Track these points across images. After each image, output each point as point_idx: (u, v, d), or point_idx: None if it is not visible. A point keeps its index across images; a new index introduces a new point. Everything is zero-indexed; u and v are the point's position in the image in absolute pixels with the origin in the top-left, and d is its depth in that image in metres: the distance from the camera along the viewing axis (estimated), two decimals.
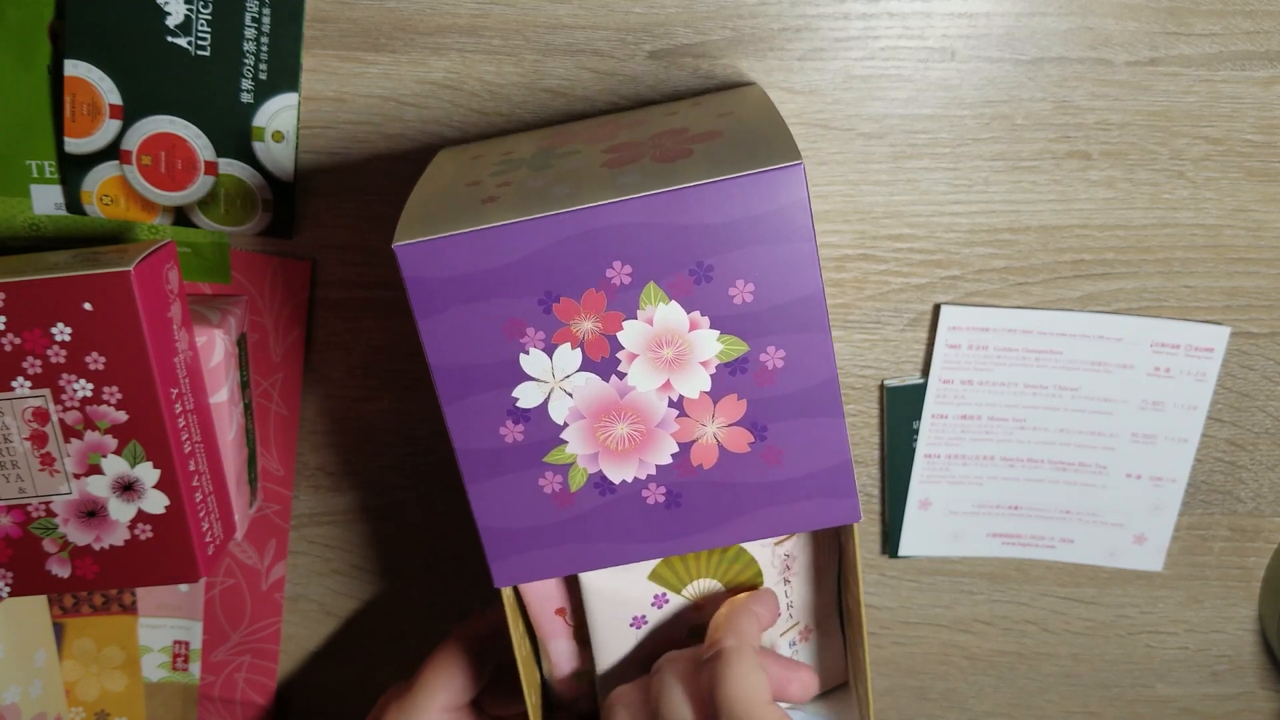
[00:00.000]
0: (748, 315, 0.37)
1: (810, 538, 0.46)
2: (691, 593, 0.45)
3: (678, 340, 0.37)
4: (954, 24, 0.48)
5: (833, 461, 0.39)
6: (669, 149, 0.38)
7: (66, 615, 0.57)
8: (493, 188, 0.39)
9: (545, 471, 0.39)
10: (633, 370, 0.37)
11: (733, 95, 0.45)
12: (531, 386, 0.37)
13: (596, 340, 0.37)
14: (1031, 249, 0.52)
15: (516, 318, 0.37)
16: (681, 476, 0.39)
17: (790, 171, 0.35)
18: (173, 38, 0.48)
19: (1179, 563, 0.57)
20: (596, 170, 0.38)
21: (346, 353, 0.54)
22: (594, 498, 0.39)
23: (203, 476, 0.48)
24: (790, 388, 0.38)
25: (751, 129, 0.39)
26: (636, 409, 0.38)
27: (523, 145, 0.44)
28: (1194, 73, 0.49)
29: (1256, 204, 0.51)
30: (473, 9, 0.48)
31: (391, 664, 0.60)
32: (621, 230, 0.36)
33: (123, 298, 0.44)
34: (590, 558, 0.40)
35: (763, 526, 0.39)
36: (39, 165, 0.51)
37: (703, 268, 0.36)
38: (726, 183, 0.35)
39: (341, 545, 0.57)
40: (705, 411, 0.38)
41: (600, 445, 0.38)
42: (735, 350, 0.37)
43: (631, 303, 0.36)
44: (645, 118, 0.44)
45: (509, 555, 0.40)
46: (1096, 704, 0.60)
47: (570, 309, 0.37)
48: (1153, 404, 0.54)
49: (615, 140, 0.41)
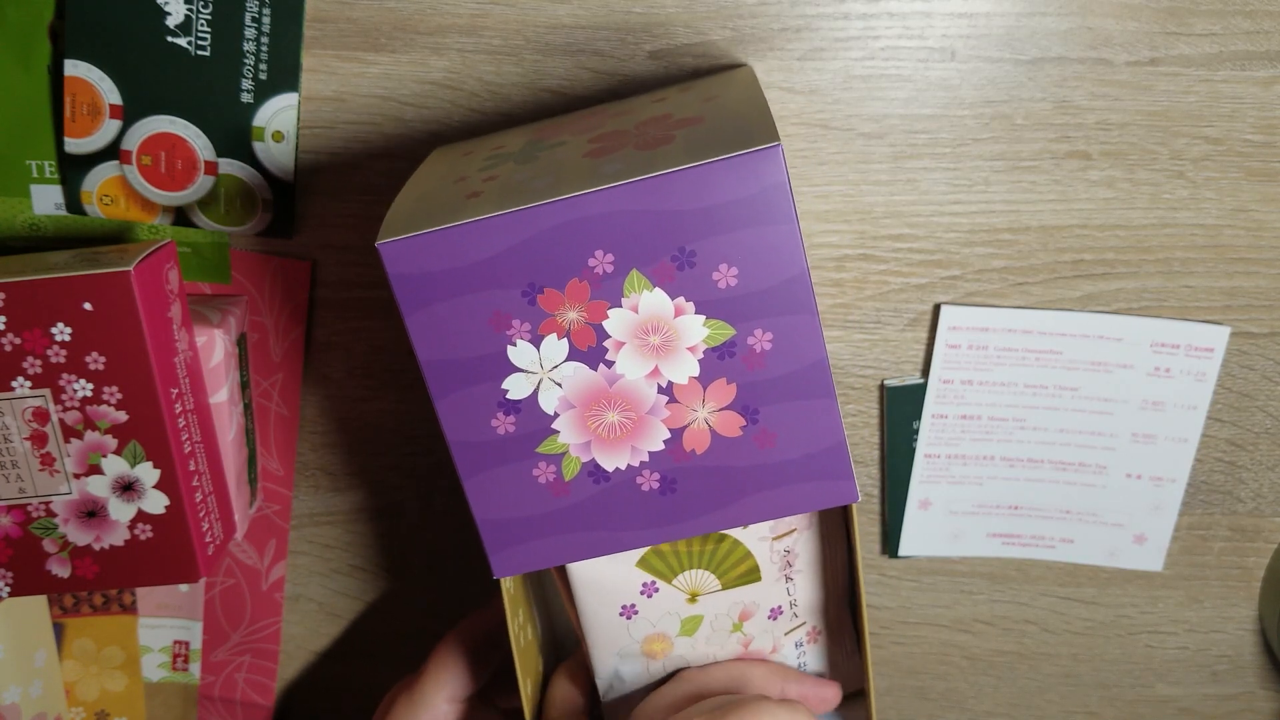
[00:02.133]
0: (733, 299, 0.37)
1: (815, 534, 0.46)
2: (683, 583, 0.45)
3: (664, 327, 0.37)
4: (954, 24, 0.48)
5: (827, 443, 0.39)
6: (651, 136, 0.39)
7: (66, 615, 0.57)
8: (478, 183, 0.39)
9: (539, 462, 0.39)
10: (620, 358, 0.37)
11: (721, 79, 0.45)
12: (520, 378, 0.38)
13: (583, 330, 0.37)
14: (1031, 249, 0.52)
15: (502, 310, 0.37)
16: (675, 462, 0.39)
17: (768, 153, 0.35)
18: (173, 38, 0.48)
19: (1179, 563, 0.57)
20: (579, 161, 0.38)
21: (346, 353, 0.54)
22: (588, 486, 0.39)
23: (203, 476, 0.48)
24: (780, 370, 0.38)
25: (733, 112, 0.39)
26: (626, 396, 0.38)
27: (512, 140, 0.44)
28: (1194, 73, 0.49)
29: (1256, 204, 0.51)
30: (473, 9, 0.48)
31: (391, 664, 0.60)
32: (602, 219, 0.36)
33: (123, 298, 0.44)
34: (588, 546, 0.40)
35: (760, 510, 0.39)
36: (39, 165, 0.51)
37: (685, 253, 0.36)
38: (704, 167, 0.35)
39: (341, 545, 0.57)
40: (695, 397, 0.38)
41: (592, 434, 0.38)
42: (722, 335, 0.37)
43: (615, 291, 0.37)
44: (632, 106, 0.44)
45: (507, 546, 0.40)
46: (1096, 704, 0.60)
47: (555, 299, 0.37)
48: (1153, 404, 0.54)
49: (601, 130, 0.41)
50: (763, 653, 0.47)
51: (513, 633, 0.44)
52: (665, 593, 0.45)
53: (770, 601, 0.46)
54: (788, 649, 0.47)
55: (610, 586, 0.44)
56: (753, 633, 0.46)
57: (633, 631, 0.46)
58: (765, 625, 0.47)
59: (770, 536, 0.45)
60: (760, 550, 0.45)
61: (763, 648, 0.47)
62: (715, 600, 0.45)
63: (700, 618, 0.46)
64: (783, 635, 0.47)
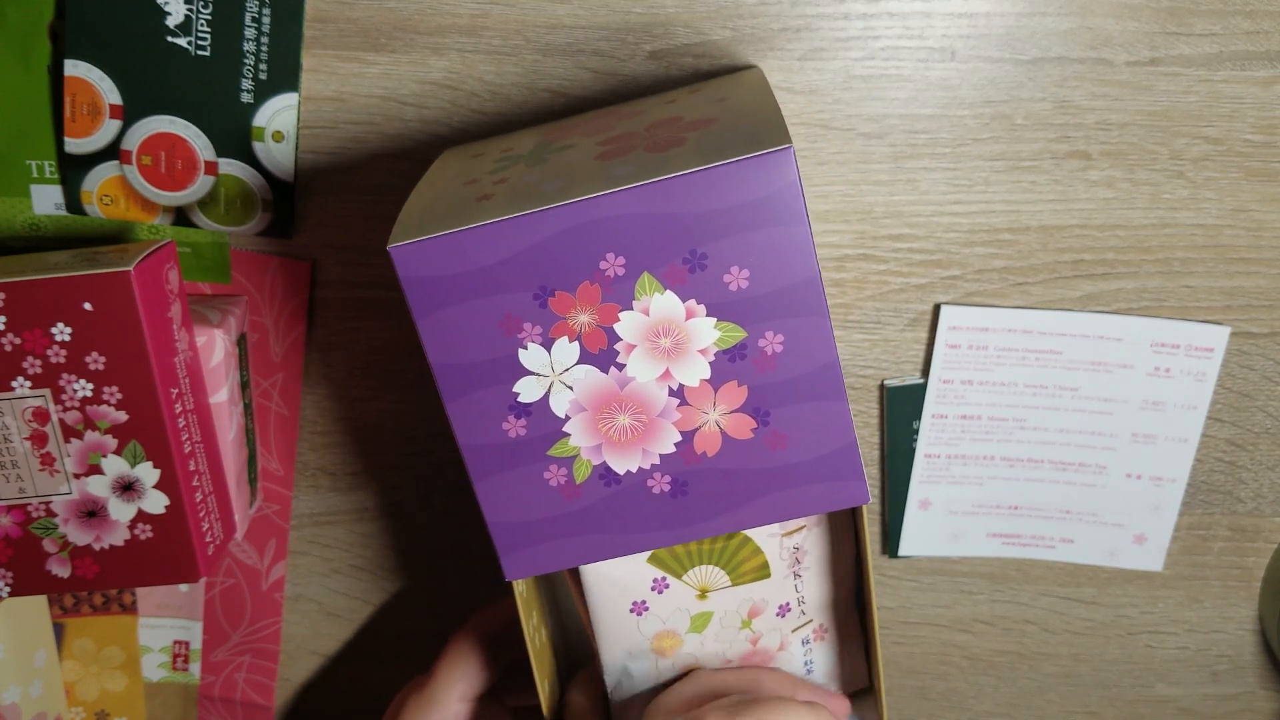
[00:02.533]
0: (744, 301, 0.37)
1: (824, 531, 0.46)
2: (693, 579, 0.45)
3: (675, 329, 0.37)
4: (954, 24, 0.48)
5: (838, 444, 0.39)
6: (662, 138, 0.38)
7: (66, 615, 0.57)
8: (489, 185, 0.39)
9: (550, 465, 0.39)
10: (631, 361, 0.37)
11: (730, 80, 0.45)
12: (531, 381, 0.38)
13: (594, 332, 0.37)
14: (1031, 249, 0.52)
15: (513, 313, 0.37)
16: (686, 465, 0.39)
17: (780, 155, 0.35)
18: (173, 38, 0.48)
19: (1179, 563, 0.57)
20: (590, 163, 0.38)
21: (346, 353, 0.54)
22: (600, 489, 0.39)
23: (203, 476, 0.48)
24: (791, 372, 0.38)
25: (744, 114, 0.39)
26: (637, 399, 0.38)
27: (523, 142, 0.44)
28: (1194, 73, 0.49)
29: (1256, 204, 0.51)
30: (473, 9, 0.48)
31: (391, 664, 0.60)
32: (613, 222, 0.36)
33: (123, 298, 0.44)
34: (600, 548, 0.40)
35: (771, 512, 0.39)
36: (39, 165, 0.51)
37: (696, 256, 0.36)
38: (715, 170, 0.35)
39: (341, 545, 0.57)
40: (706, 399, 0.38)
41: (603, 436, 0.38)
42: (733, 337, 0.37)
43: (627, 294, 0.37)
44: (643, 108, 0.44)
45: (519, 549, 0.40)
46: (1096, 704, 0.60)
47: (566, 302, 0.37)
48: (1153, 404, 0.54)
49: (612, 132, 0.41)
50: (770, 650, 0.47)
51: (528, 634, 0.44)
52: (676, 589, 0.45)
53: (779, 598, 0.46)
54: (794, 646, 0.47)
55: (622, 584, 0.44)
56: (761, 629, 0.46)
57: (643, 628, 0.46)
58: (773, 622, 0.47)
59: (780, 533, 0.45)
60: (770, 547, 0.45)
61: (770, 645, 0.47)
62: (725, 596, 0.45)
63: (710, 614, 0.46)
64: (790, 632, 0.47)
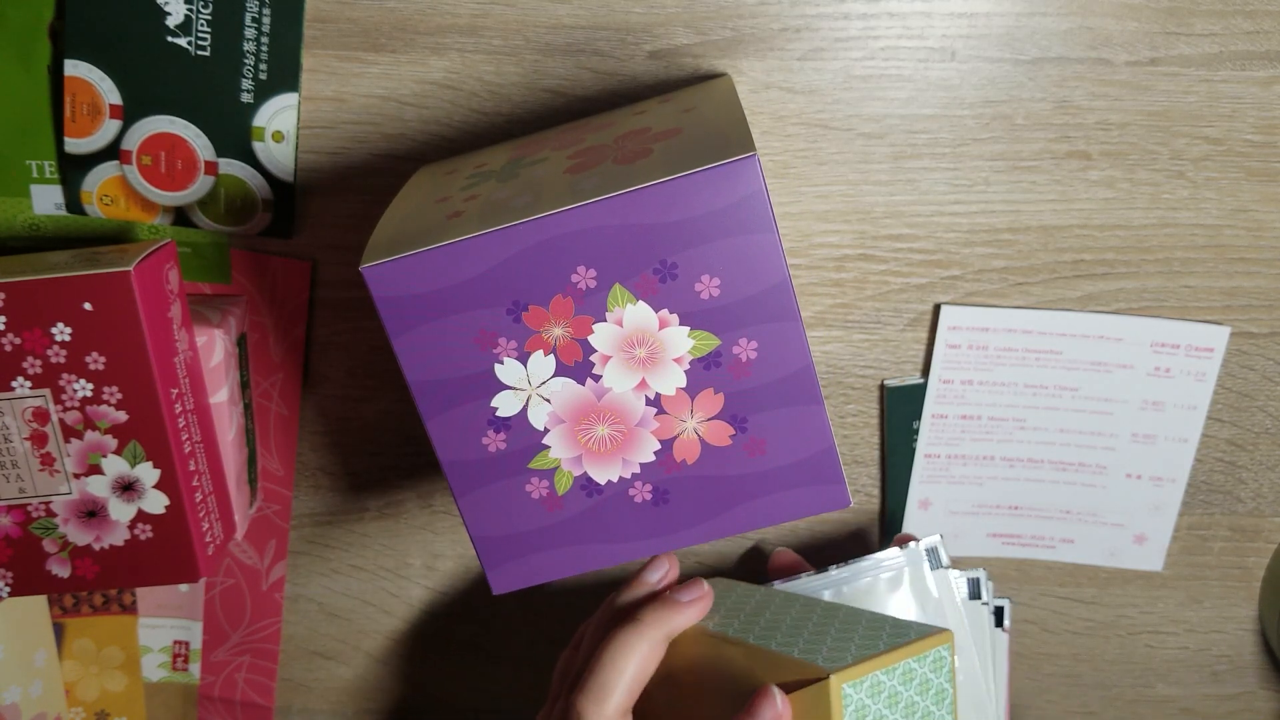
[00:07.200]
0: (716, 310, 0.37)
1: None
2: None
3: (649, 339, 0.37)
4: (954, 24, 0.48)
5: (817, 448, 0.39)
6: (630, 150, 0.39)
7: (66, 615, 0.57)
8: (460, 202, 0.39)
9: (531, 477, 0.39)
10: (607, 372, 0.38)
11: (700, 89, 0.45)
12: (509, 395, 0.38)
13: (568, 345, 0.37)
14: (1031, 249, 0.52)
15: (488, 329, 0.37)
16: (667, 473, 0.39)
17: (745, 163, 0.35)
18: (173, 38, 0.48)
19: (1179, 563, 0.57)
20: (559, 177, 0.38)
21: (346, 353, 0.54)
22: (581, 500, 0.39)
23: (203, 476, 0.48)
24: (766, 378, 0.38)
25: (710, 123, 0.39)
26: (615, 410, 0.38)
27: (496, 157, 0.44)
28: (1194, 73, 0.49)
29: (1256, 204, 0.51)
30: (473, 9, 0.48)
31: (391, 664, 0.60)
32: (582, 235, 0.36)
33: (123, 298, 0.44)
34: (584, 559, 0.40)
35: (753, 517, 0.40)
36: (39, 165, 0.51)
37: (666, 266, 0.36)
38: (681, 180, 0.35)
39: (341, 545, 0.57)
40: (683, 407, 0.38)
41: (583, 448, 0.39)
42: (707, 345, 0.37)
43: (599, 306, 0.37)
44: (613, 120, 0.44)
45: (504, 562, 0.40)
46: (1096, 704, 0.60)
47: (540, 316, 0.37)
48: (1153, 404, 0.54)
49: (582, 145, 0.41)
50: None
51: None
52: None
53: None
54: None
55: None
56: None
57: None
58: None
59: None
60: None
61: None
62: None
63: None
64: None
